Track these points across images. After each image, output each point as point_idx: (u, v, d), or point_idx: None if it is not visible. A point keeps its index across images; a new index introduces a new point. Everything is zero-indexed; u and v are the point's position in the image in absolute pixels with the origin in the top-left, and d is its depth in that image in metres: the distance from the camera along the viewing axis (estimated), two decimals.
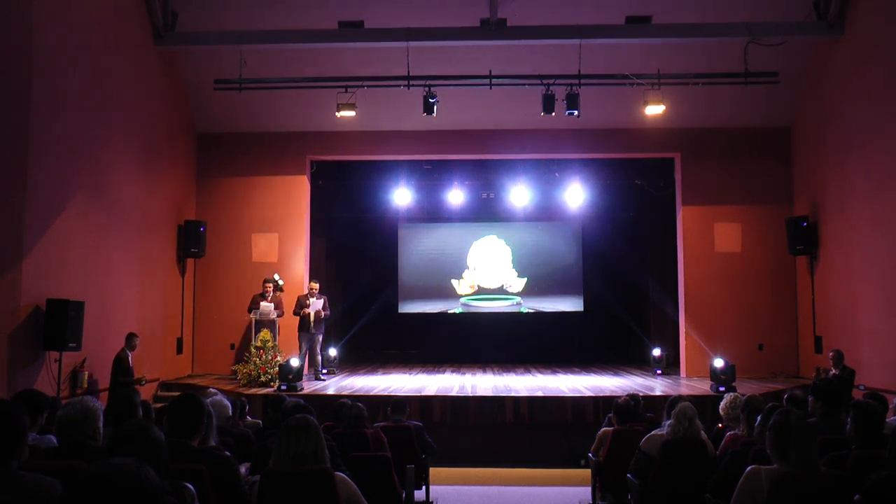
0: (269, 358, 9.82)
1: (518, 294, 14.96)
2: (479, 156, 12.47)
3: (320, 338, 10.45)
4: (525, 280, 14.96)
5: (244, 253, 11.86)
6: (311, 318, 10.24)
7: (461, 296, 15.02)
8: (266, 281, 10.48)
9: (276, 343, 10.15)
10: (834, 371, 8.46)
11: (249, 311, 10.43)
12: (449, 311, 14.94)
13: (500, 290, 14.98)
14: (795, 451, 2.97)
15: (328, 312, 10.49)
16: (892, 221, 8.70)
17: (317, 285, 10.49)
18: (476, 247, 15.15)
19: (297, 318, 10.40)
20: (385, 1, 10.13)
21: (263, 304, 10.23)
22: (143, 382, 8.50)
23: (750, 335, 11.41)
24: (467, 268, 15.07)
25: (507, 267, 15.06)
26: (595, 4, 10.03)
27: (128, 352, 8.49)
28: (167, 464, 2.56)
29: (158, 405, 6.64)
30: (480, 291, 15.03)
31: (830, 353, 8.75)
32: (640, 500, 4.63)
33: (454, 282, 15.03)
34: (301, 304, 10.36)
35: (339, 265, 14.53)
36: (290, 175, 11.98)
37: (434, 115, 9.79)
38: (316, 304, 10.25)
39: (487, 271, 15.06)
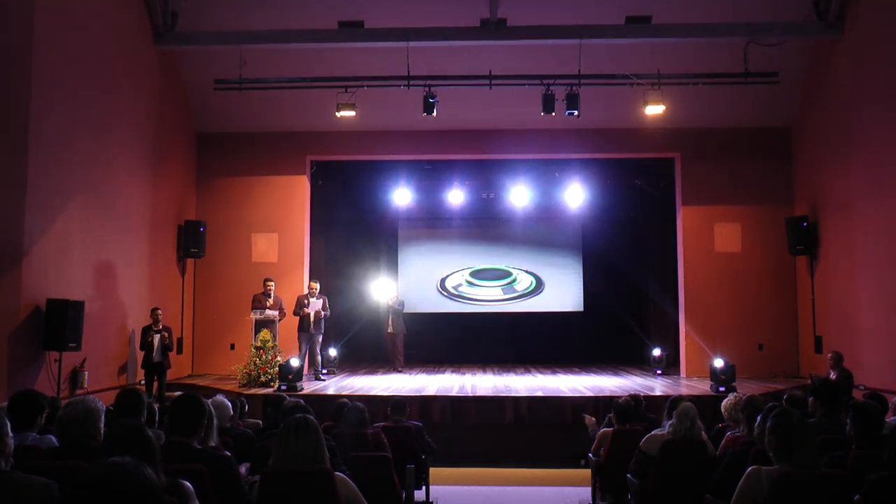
0: (269, 358, 9.82)
1: (514, 270, 15.07)
2: (479, 156, 12.47)
3: (320, 338, 10.45)
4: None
5: (244, 253, 11.86)
6: (311, 319, 10.25)
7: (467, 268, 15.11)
8: (267, 280, 10.46)
9: (276, 343, 10.14)
10: (832, 373, 8.45)
11: (253, 309, 10.41)
12: (453, 281, 14.96)
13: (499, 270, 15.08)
14: (798, 452, 2.97)
15: (328, 312, 10.51)
16: (892, 221, 8.70)
17: (317, 285, 10.50)
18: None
19: (297, 318, 10.40)
20: (385, 1, 10.13)
21: (269, 311, 10.21)
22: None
23: (750, 335, 11.41)
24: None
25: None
26: (595, 4, 10.03)
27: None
28: (160, 463, 2.55)
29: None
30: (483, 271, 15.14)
31: (829, 355, 8.75)
32: (640, 500, 4.63)
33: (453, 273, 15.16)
34: (301, 304, 10.37)
35: (339, 265, 14.52)
36: (290, 175, 11.98)
37: (434, 115, 9.78)
38: (315, 305, 10.26)
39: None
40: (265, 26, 10.00)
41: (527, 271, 15.01)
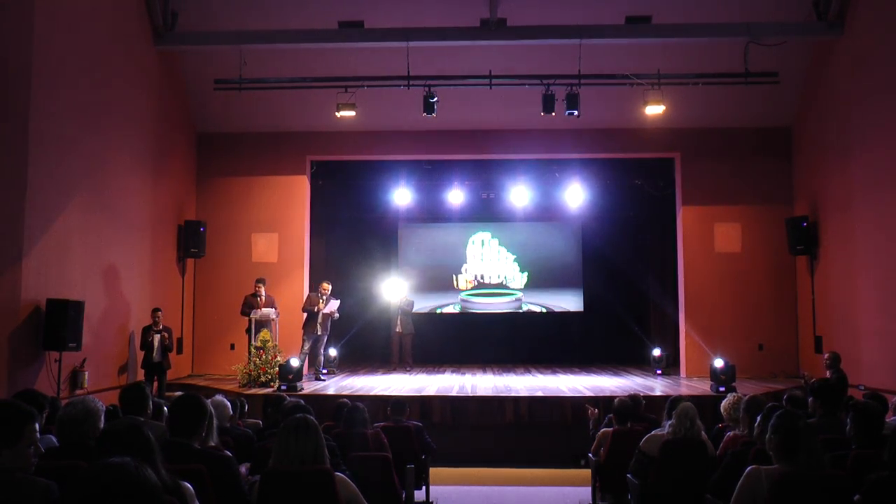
0: (269, 358, 9.81)
1: (519, 290, 14.94)
2: (479, 156, 12.46)
3: (325, 339, 10.44)
4: (526, 274, 14.95)
5: (244, 253, 11.85)
6: (319, 319, 10.21)
7: (461, 290, 15.00)
8: (258, 281, 10.45)
9: (276, 343, 10.13)
10: (828, 374, 8.41)
11: (243, 313, 10.38)
12: (448, 310, 14.95)
13: (501, 286, 14.98)
14: (804, 453, 2.97)
15: (338, 315, 10.50)
16: (892, 221, 8.70)
17: (329, 286, 10.44)
18: (473, 241, 15.11)
19: (303, 316, 10.37)
20: (385, 1, 10.12)
21: (265, 309, 10.21)
22: None
23: (750, 335, 11.40)
24: (466, 261, 15.06)
25: (507, 262, 15.03)
26: (595, 4, 10.03)
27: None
28: (161, 462, 2.55)
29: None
30: (480, 286, 15.02)
31: (826, 355, 8.72)
32: (640, 500, 4.63)
33: (455, 276, 15.02)
34: (312, 302, 10.33)
35: (339, 265, 14.51)
36: (290, 175, 11.98)
37: (434, 115, 9.78)
38: (333, 304, 10.25)
39: (486, 266, 15.06)
40: (265, 26, 10.00)
41: (527, 269, 15.00)
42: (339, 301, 10.39)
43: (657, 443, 4.63)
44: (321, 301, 10.25)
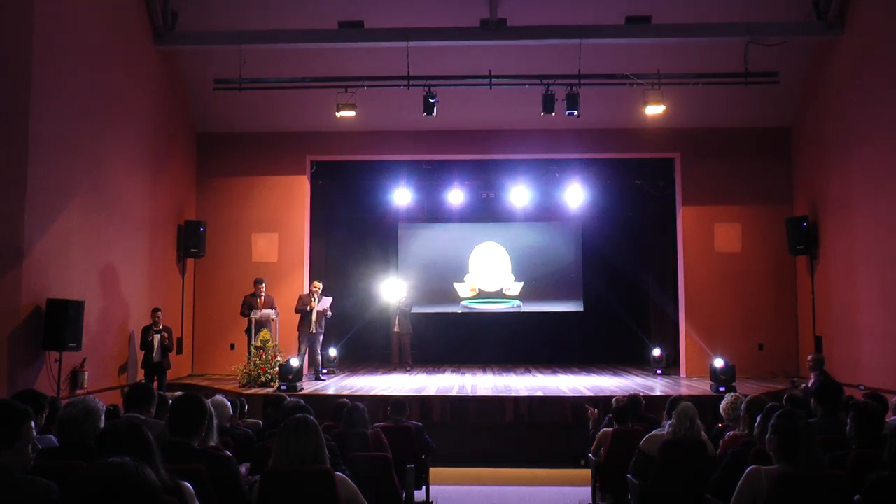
0: (269, 358, 9.82)
1: (516, 297, 14.95)
2: (479, 156, 12.46)
3: (321, 338, 10.45)
4: (522, 284, 14.94)
5: (244, 253, 11.86)
6: (313, 318, 10.23)
7: (462, 298, 15.02)
8: (257, 281, 10.44)
9: (276, 343, 10.13)
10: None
11: (243, 313, 10.37)
12: (449, 312, 14.96)
13: (500, 294, 14.99)
14: (804, 453, 2.98)
15: (330, 314, 10.52)
16: (892, 221, 8.70)
17: (320, 285, 10.49)
18: (476, 252, 15.13)
19: (298, 316, 10.38)
20: (385, 1, 10.13)
21: (264, 309, 10.21)
22: None
23: (750, 335, 11.40)
24: (468, 272, 15.08)
25: (506, 272, 15.03)
26: (595, 4, 10.03)
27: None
28: (160, 462, 2.55)
29: None
30: (481, 294, 15.03)
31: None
32: (640, 500, 4.63)
33: (456, 285, 15.03)
34: (304, 302, 10.35)
35: (339, 265, 14.51)
36: (290, 175, 11.98)
37: (434, 115, 9.78)
38: (325, 302, 10.26)
39: (487, 276, 15.05)
40: (265, 26, 10.00)
41: (526, 273, 14.98)
42: (330, 298, 10.40)
43: (657, 443, 4.63)
44: (313, 300, 10.27)
